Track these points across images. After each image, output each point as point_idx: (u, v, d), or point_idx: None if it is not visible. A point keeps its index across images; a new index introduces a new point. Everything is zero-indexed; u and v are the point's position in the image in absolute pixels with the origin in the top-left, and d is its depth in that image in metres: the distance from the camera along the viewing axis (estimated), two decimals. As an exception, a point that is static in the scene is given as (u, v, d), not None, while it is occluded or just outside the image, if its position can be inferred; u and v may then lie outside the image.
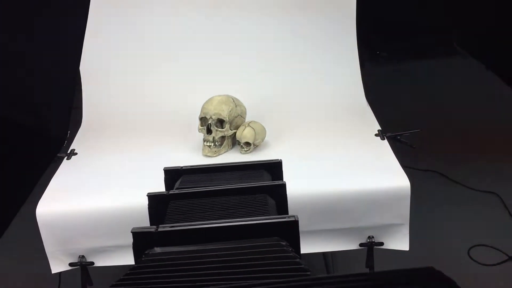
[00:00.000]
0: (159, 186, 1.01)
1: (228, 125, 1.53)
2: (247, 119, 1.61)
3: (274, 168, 0.94)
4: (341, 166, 1.41)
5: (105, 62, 1.73)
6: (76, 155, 1.53)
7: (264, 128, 1.56)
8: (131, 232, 0.68)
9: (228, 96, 1.57)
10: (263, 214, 0.72)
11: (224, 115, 1.52)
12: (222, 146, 1.54)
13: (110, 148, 1.56)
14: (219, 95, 1.55)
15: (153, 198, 0.79)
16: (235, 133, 1.55)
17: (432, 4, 2.27)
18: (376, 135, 1.55)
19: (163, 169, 0.94)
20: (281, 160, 0.96)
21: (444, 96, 2.52)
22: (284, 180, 0.92)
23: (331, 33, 1.84)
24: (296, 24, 1.83)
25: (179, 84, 1.75)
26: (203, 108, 1.54)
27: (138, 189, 1.31)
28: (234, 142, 1.57)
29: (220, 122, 1.53)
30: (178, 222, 0.71)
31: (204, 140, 1.53)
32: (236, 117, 1.56)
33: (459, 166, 2.19)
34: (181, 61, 1.78)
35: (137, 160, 1.50)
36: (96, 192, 1.35)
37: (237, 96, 1.60)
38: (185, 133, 1.61)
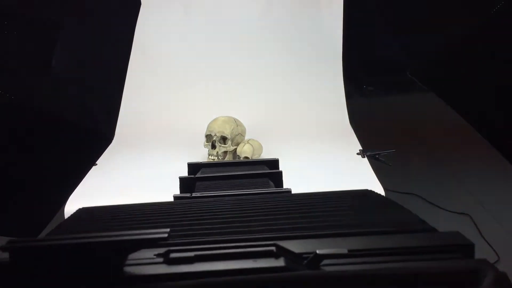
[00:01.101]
0: (169, 191, 1.32)
1: (230, 142, 1.88)
2: (247, 137, 1.97)
3: (273, 164, 1.29)
4: (327, 178, 1.77)
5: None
6: (96, 166, 1.88)
7: (261, 145, 1.92)
8: (173, 196, 1.01)
9: (230, 117, 1.93)
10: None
11: (227, 133, 1.87)
12: (225, 160, 1.89)
13: (127, 158, 1.91)
14: (223, 116, 1.92)
15: (183, 179, 1.13)
16: (236, 148, 1.90)
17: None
18: (357, 153, 1.93)
19: (187, 163, 1.27)
20: (278, 158, 1.31)
21: (421, 124, 2.95)
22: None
23: (323, 71, 2.27)
24: (291, 64, 2.26)
25: (188, 106, 2.12)
26: (208, 126, 1.90)
27: (152, 194, 1.65)
28: (235, 156, 1.92)
29: (223, 139, 1.88)
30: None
31: (209, 154, 1.88)
32: (237, 135, 1.92)
33: (436, 189, 2.56)
34: (191, 89, 2.16)
35: (151, 171, 1.84)
36: (116, 195, 1.68)
37: (239, 117, 1.97)
38: (192, 148, 1.96)
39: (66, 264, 0.46)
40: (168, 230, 0.47)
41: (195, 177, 1.14)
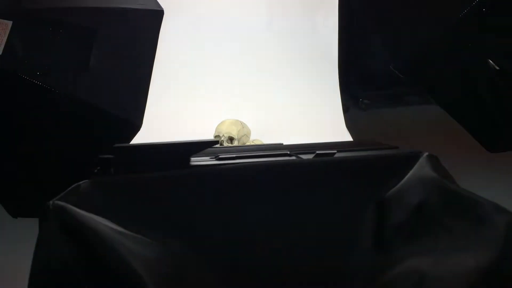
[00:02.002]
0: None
1: (237, 142, 2.15)
2: (251, 138, 2.25)
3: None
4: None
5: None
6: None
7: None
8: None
9: (237, 120, 2.21)
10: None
11: (234, 133, 2.15)
12: (232, 157, 2.16)
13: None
14: (230, 119, 2.20)
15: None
16: (242, 148, 2.18)
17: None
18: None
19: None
20: (282, 143, 1.58)
21: (412, 131, 3.23)
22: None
23: (320, 82, 2.58)
24: (291, 74, 2.56)
25: (198, 109, 2.41)
26: (216, 128, 2.17)
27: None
28: (241, 155, 2.19)
29: (230, 139, 2.15)
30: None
31: (217, 153, 2.15)
32: (243, 136, 2.19)
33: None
34: (202, 95, 2.45)
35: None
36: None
37: (244, 120, 2.25)
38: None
39: (154, 160, 0.73)
40: (218, 139, 0.76)
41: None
